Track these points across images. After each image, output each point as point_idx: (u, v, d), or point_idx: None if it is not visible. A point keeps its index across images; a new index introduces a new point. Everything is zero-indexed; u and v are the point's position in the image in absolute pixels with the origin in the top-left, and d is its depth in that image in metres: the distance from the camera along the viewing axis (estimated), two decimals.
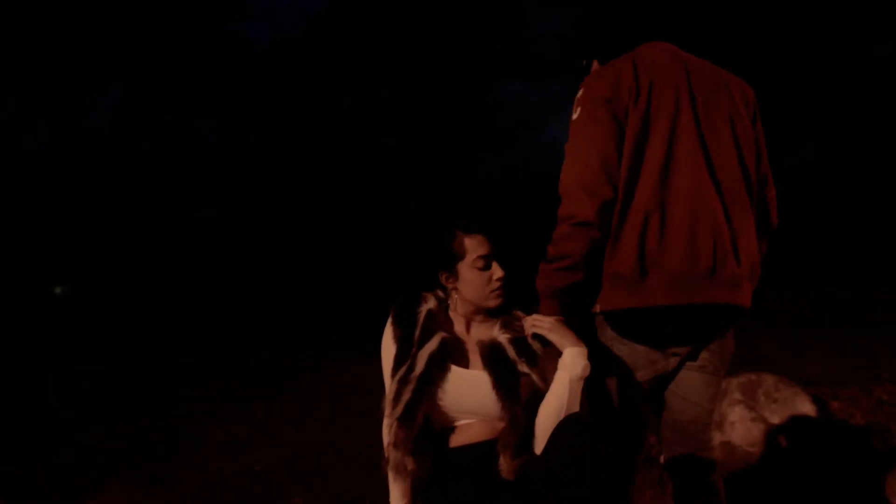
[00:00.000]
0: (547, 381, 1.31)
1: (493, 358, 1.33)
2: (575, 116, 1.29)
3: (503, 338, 1.37)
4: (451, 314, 1.43)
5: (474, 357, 1.37)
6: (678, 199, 1.23)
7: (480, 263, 1.35)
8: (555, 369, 1.30)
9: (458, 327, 1.42)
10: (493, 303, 1.37)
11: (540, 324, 1.32)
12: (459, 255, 1.37)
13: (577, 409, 1.27)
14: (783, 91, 16.75)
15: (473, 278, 1.36)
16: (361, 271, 20.00)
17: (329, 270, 20.99)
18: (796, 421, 2.05)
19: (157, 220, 21.78)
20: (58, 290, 23.25)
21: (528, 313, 1.38)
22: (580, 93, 1.30)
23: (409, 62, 21.89)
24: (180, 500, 2.59)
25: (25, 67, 19.72)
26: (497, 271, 1.35)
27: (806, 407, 2.06)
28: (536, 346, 1.36)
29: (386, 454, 1.30)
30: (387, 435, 1.32)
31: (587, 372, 1.28)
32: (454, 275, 1.39)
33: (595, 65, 1.47)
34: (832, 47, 16.13)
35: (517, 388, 1.29)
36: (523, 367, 1.33)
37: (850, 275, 15.57)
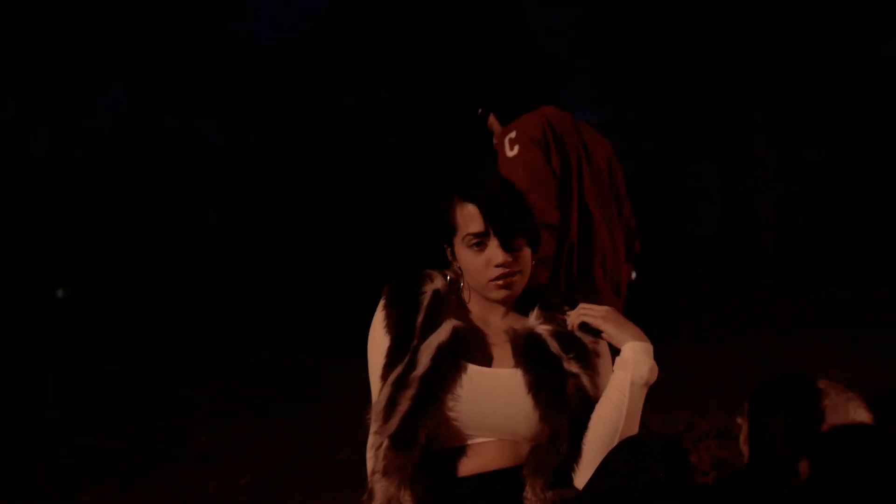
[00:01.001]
0: (601, 388, 0.99)
1: (529, 351, 0.99)
2: (514, 153, 1.51)
3: (542, 329, 1.03)
4: (465, 297, 1.10)
5: (500, 352, 1.03)
6: (588, 233, 1.54)
7: (472, 241, 1.02)
8: (610, 372, 1.00)
9: (477, 314, 1.08)
10: (494, 295, 1.03)
11: (590, 312, 1.02)
12: (453, 228, 1.05)
13: (636, 425, 0.96)
14: (791, 91, 16.55)
15: (467, 260, 1.03)
16: (362, 272, 19.84)
17: (329, 271, 20.85)
18: (848, 430, 1.84)
19: (158, 221, 21.67)
20: (59, 291, 23.17)
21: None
22: (513, 134, 1.53)
23: (410, 63, 21.75)
24: None
25: (26, 68, 19.59)
26: (496, 256, 1.00)
27: (860, 415, 1.84)
28: (588, 340, 1.03)
29: (370, 485, 0.96)
30: (372, 458, 0.97)
31: (654, 376, 0.96)
32: (453, 252, 1.07)
33: (491, 118, 1.77)
34: (842, 46, 15.93)
35: (563, 392, 0.96)
36: (571, 366, 0.99)
37: (860, 276, 15.37)
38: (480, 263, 1.02)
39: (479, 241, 1.01)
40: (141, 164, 21.81)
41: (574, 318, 1.04)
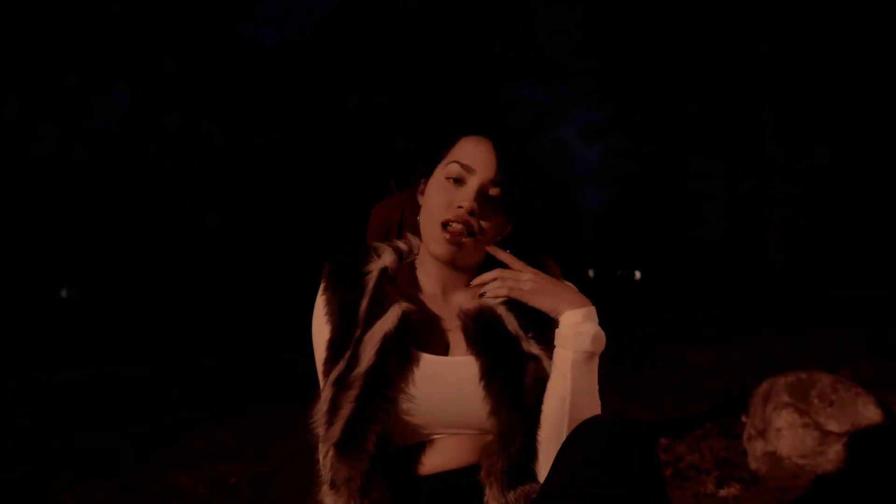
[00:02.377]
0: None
1: (482, 333, 0.85)
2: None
3: (498, 304, 0.88)
4: (420, 273, 0.94)
5: (455, 336, 0.88)
6: None
7: (454, 171, 0.86)
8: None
9: (430, 292, 0.93)
10: (436, 246, 0.87)
11: (512, 283, 0.86)
12: (440, 156, 0.90)
13: (595, 403, 0.83)
14: (798, 91, 16.44)
15: (433, 194, 0.88)
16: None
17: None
18: (858, 427, 1.76)
19: (162, 222, 21.72)
20: (64, 291, 23.26)
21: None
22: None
23: (419, 66, 21.77)
24: None
25: (30, 68, 19.66)
26: (465, 199, 0.85)
27: (869, 411, 1.76)
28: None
29: (320, 498, 0.87)
30: (322, 466, 0.87)
31: (601, 343, 0.82)
32: (426, 185, 0.93)
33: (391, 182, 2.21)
34: (849, 46, 15.80)
35: (519, 380, 0.82)
36: (531, 347, 0.85)
37: (866, 276, 15.24)
38: (444, 201, 0.87)
39: (460, 178, 0.87)
40: (146, 164, 21.86)
41: (494, 290, 0.87)
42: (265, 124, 21.85)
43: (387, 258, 0.93)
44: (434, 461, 0.85)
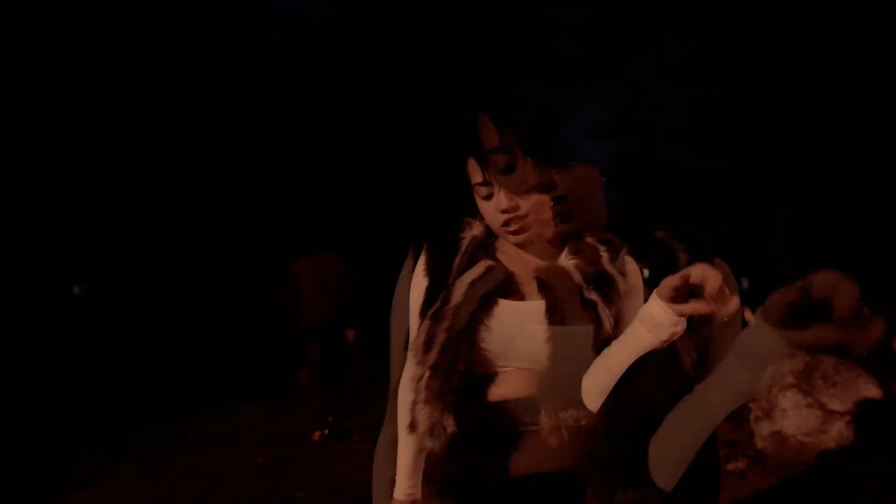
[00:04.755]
0: (621, 323, 0.98)
1: (551, 281, 1.04)
2: None
3: (569, 263, 1.07)
4: (503, 242, 1.12)
5: (529, 288, 1.07)
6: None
7: (482, 192, 1.05)
8: (634, 312, 0.95)
9: (513, 257, 1.12)
10: (510, 240, 1.06)
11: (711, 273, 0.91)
12: (466, 177, 1.09)
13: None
14: (804, 91, 16.41)
15: (481, 208, 1.08)
16: (372, 271, 19.86)
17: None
18: (861, 407, 1.83)
19: (165, 222, 21.83)
20: (76, 289, 23.44)
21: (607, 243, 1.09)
22: None
23: (427, 64, 21.78)
24: (172, 490, 2.46)
25: (41, 68, 19.79)
26: (502, 201, 1.03)
27: (871, 391, 1.83)
28: (623, 283, 1.03)
29: (412, 415, 1.00)
30: (412, 390, 1.02)
31: (677, 333, 0.87)
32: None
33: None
34: (857, 43, 15.75)
35: (577, 320, 0.99)
36: (590, 295, 1.02)
37: (874, 276, 15.21)
38: (490, 211, 1.04)
39: (487, 190, 1.03)
40: (148, 164, 21.95)
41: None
42: (270, 123, 21.93)
43: (477, 229, 1.12)
44: (501, 390, 1.02)
